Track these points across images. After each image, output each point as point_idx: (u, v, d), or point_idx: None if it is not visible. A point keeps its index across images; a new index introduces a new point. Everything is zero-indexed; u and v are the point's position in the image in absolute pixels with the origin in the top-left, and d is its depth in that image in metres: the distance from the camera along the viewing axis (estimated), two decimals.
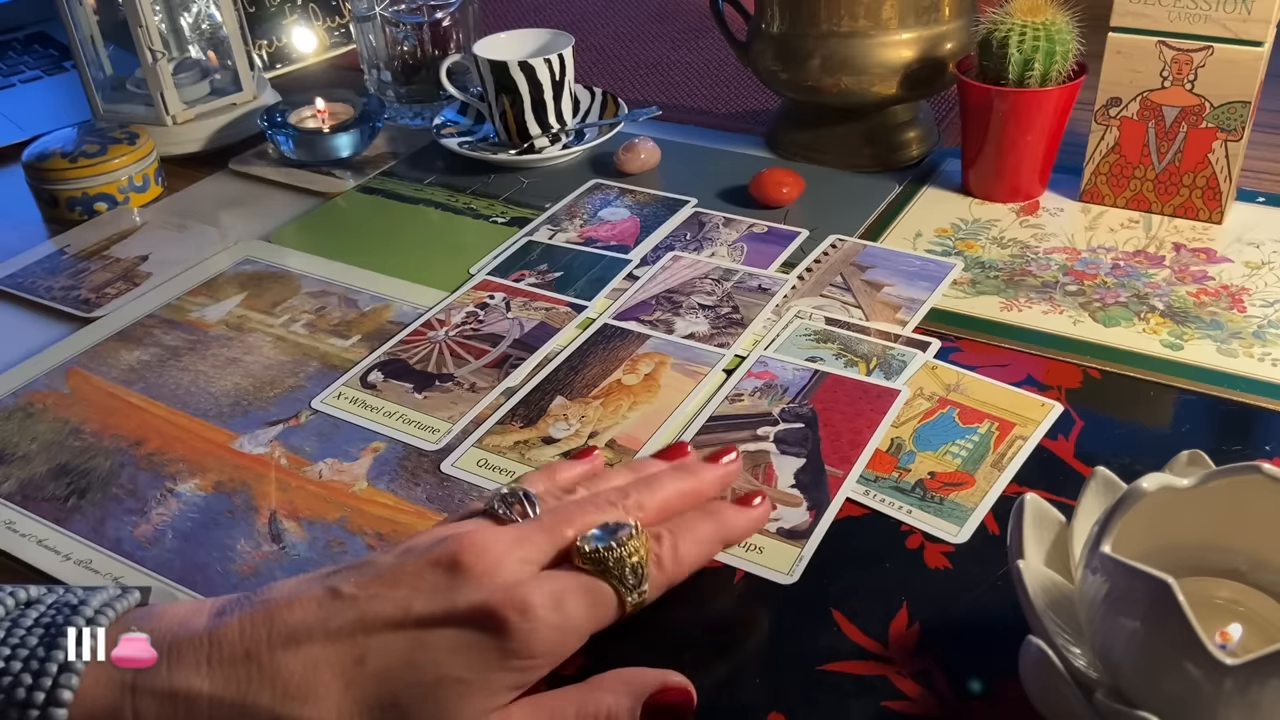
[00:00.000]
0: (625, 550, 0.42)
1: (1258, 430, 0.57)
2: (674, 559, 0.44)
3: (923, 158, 0.86)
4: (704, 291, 0.71)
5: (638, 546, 0.42)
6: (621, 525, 0.43)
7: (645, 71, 1.09)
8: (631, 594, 0.42)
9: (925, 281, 0.70)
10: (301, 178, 0.90)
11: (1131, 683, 0.38)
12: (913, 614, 0.47)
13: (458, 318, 0.70)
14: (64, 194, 0.84)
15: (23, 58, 1.19)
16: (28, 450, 0.60)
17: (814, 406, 0.59)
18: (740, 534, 0.48)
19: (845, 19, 0.78)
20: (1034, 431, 0.57)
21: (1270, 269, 0.69)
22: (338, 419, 0.61)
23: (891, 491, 0.54)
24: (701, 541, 0.45)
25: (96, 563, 0.53)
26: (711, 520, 0.46)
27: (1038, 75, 0.73)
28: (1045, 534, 0.43)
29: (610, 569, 0.42)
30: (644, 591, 0.42)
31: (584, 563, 0.42)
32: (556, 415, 0.60)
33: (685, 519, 0.46)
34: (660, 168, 0.87)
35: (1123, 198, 0.76)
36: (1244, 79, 0.69)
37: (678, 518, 0.46)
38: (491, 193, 0.86)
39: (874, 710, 0.43)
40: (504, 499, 0.45)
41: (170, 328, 0.71)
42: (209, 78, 0.97)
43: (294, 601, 0.40)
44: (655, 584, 0.43)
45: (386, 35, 0.98)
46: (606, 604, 0.42)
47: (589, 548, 0.42)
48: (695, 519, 0.46)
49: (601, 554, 0.42)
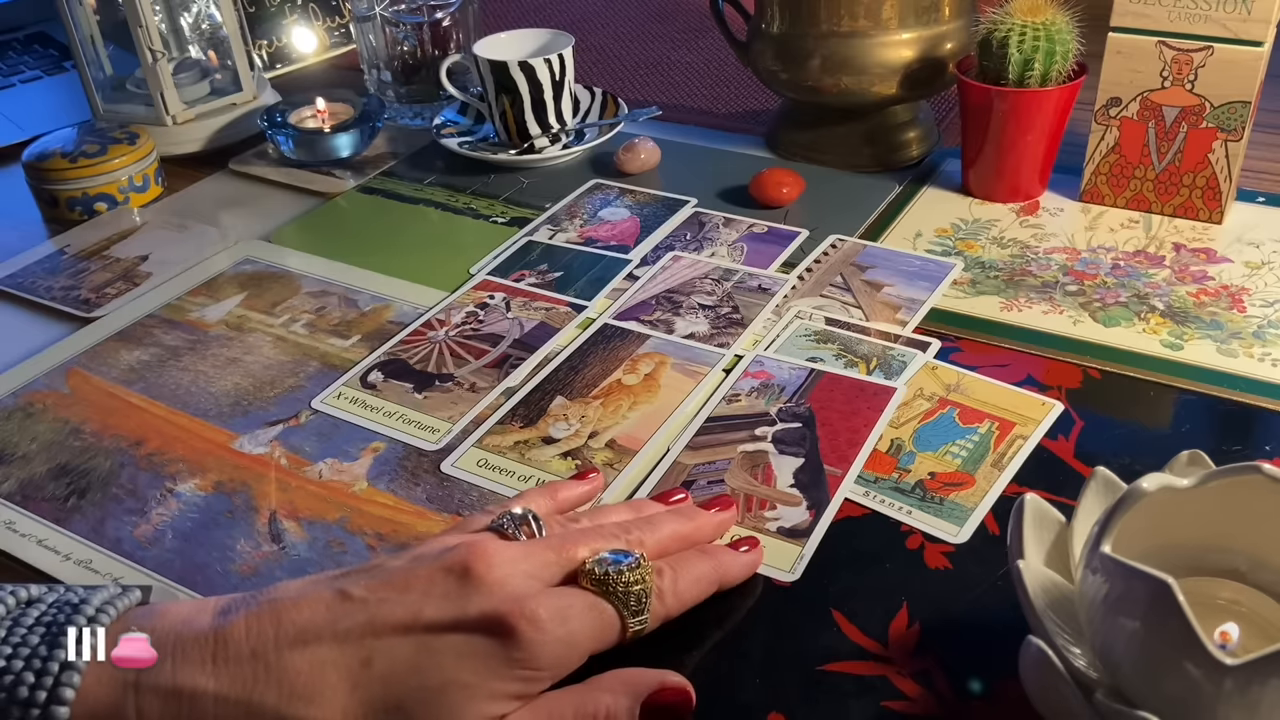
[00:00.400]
0: (632, 577, 0.43)
1: (1258, 430, 0.57)
2: (674, 593, 0.44)
3: (923, 158, 0.86)
4: (704, 291, 0.71)
5: (642, 575, 0.43)
6: (628, 553, 0.44)
7: (645, 71, 1.09)
8: (633, 620, 0.42)
9: (925, 281, 0.70)
10: (301, 178, 0.90)
11: (1131, 683, 0.38)
12: (913, 614, 0.47)
13: (458, 318, 0.70)
14: (64, 194, 0.84)
15: (23, 58, 1.19)
16: (28, 450, 0.60)
17: (811, 406, 0.59)
18: (736, 577, 0.48)
19: (845, 19, 0.78)
20: (1034, 431, 0.57)
21: (1270, 269, 0.69)
22: (338, 419, 0.61)
23: (891, 492, 0.54)
24: (699, 580, 0.46)
25: (96, 563, 0.53)
26: (710, 561, 0.47)
27: (1038, 75, 0.73)
28: (1045, 534, 0.43)
29: (615, 593, 0.42)
30: (645, 620, 0.43)
31: (591, 584, 0.42)
32: (556, 415, 0.60)
33: (685, 557, 0.47)
34: (660, 168, 0.87)
35: (1123, 198, 0.76)
36: (1244, 79, 0.69)
37: (680, 554, 0.47)
38: (491, 193, 0.86)
39: (874, 710, 0.43)
40: (512, 518, 0.45)
41: (170, 328, 0.71)
42: (209, 78, 0.97)
43: (301, 601, 0.40)
44: (655, 615, 0.43)
45: (386, 35, 0.98)
46: (610, 625, 0.42)
47: (598, 570, 0.42)
48: (695, 558, 0.47)
49: (610, 577, 0.42)
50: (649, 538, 0.46)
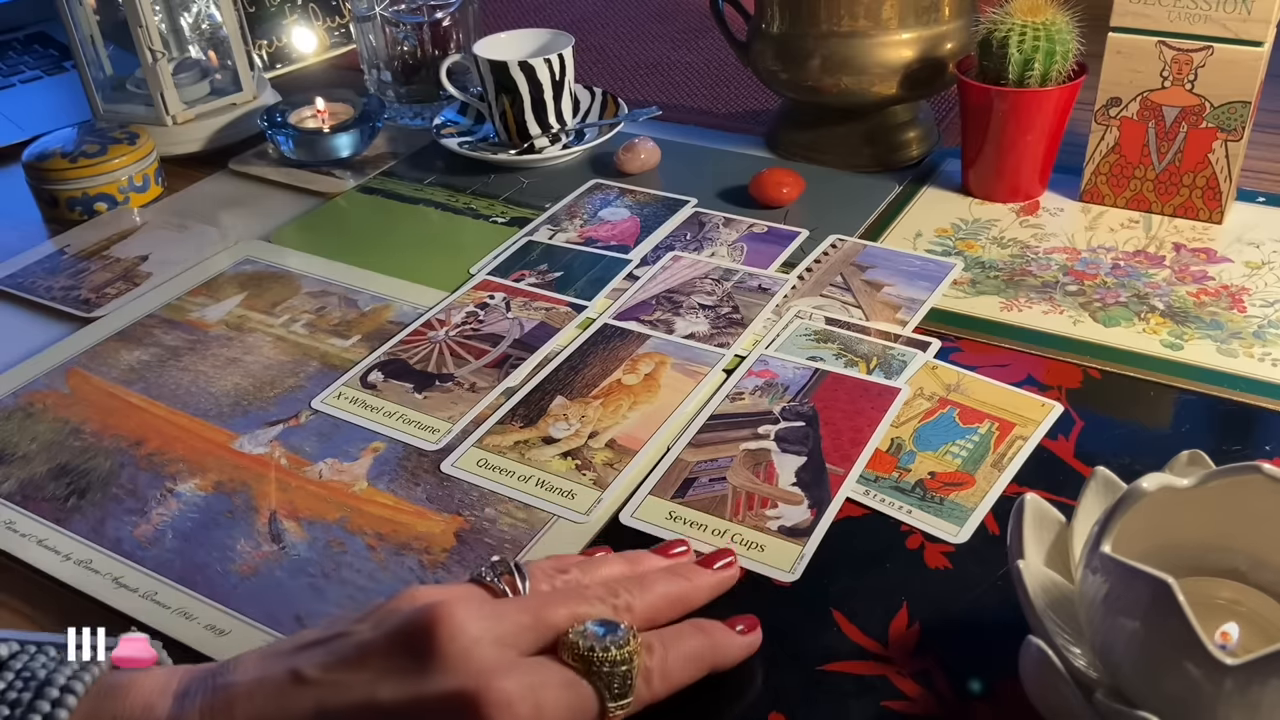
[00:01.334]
0: (619, 654, 0.39)
1: (1258, 430, 0.57)
2: (663, 675, 0.41)
3: (923, 158, 0.86)
4: (704, 291, 0.71)
5: (629, 655, 0.39)
6: (617, 626, 0.40)
7: (645, 71, 1.09)
8: (615, 704, 0.39)
9: (925, 281, 0.70)
10: (301, 178, 0.90)
11: (1131, 683, 0.38)
12: (913, 614, 0.47)
13: (458, 318, 0.70)
14: (64, 194, 0.84)
15: (23, 58, 1.19)
16: (28, 450, 0.60)
17: (814, 405, 0.59)
18: (731, 660, 0.44)
19: (845, 19, 0.78)
20: (1034, 431, 0.57)
21: (1270, 269, 0.69)
22: (338, 419, 0.61)
23: (892, 491, 0.54)
24: (691, 660, 0.42)
25: (96, 563, 0.53)
26: (705, 638, 0.43)
27: (1038, 75, 0.73)
28: (1045, 534, 0.43)
29: (599, 672, 0.39)
30: (628, 704, 0.39)
31: (572, 659, 0.39)
32: (556, 415, 0.60)
33: (678, 632, 0.43)
34: (660, 168, 0.87)
35: (1123, 198, 0.76)
36: (1244, 79, 0.69)
37: (672, 629, 0.43)
38: (491, 193, 0.86)
39: (874, 710, 0.43)
40: (493, 566, 0.42)
41: (170, 328, 0.71)
42: (209, 78, 0.97)
43: (255, 690, 0.38)
44: (639, 699, 0.40)
45: (386, 35, 0.98)
46: (587, 708, 0.39)
47: (582, 644, 0.39)
48: (688, 634, 0.43)
49: (595, 654, 0.39)
50: (638, 601, 0.42)
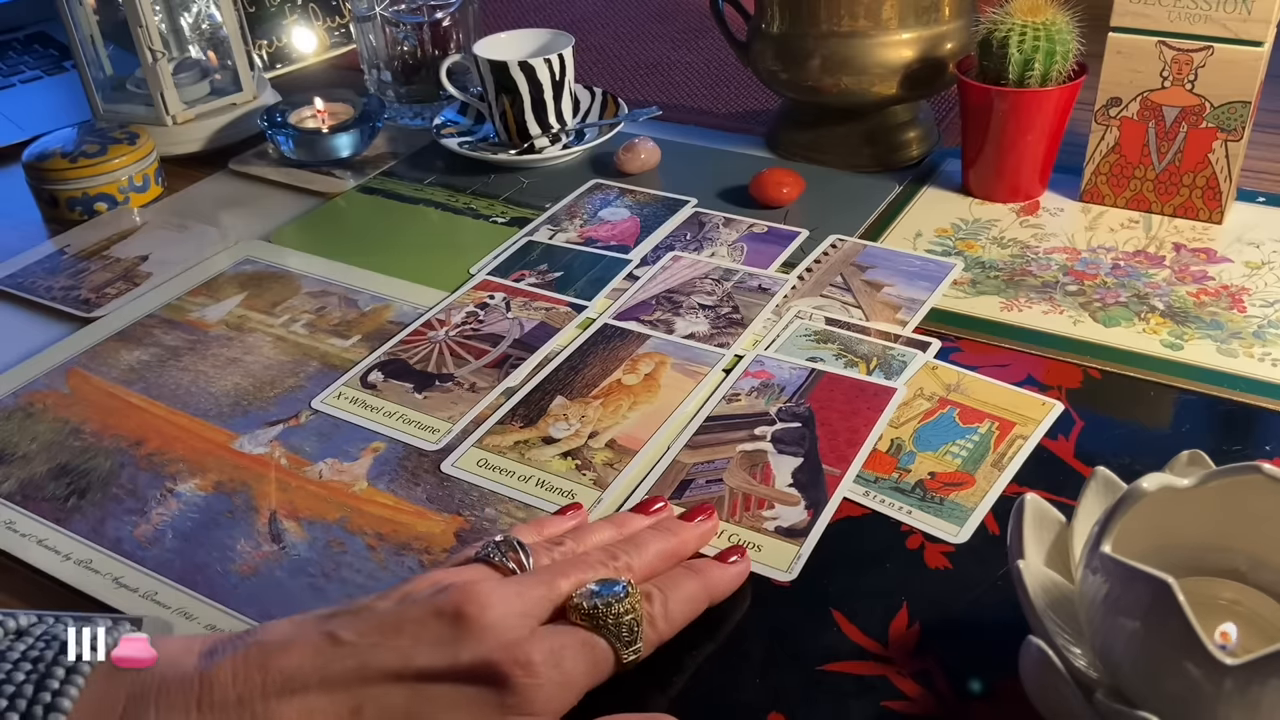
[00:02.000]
0: (621, 607, 0.42)
1: (1258, 430, 0.57)
2: (665, 617, 0.44)
3: (923, 158, 0.86)
4: (704, 291, 0.71)
5: (632, 604, 0.42)
6: (616, 583, 0.43)
7: (645, 71, 1.09)
8: (627, 650, 0.42)
9: (925, 281, 0.70)
10: (301, 178, 0.90)
11: (1131, 683, 0.38)
12: (913, 614, 0.47)
13: (458, 318, 0.70)
14: (64, 194, 0.84)
15: (23, 58, 1.19)
16: (28, 450, 0.60)
17: (811, 405, 0.59)
18: (724, 591, 0.47)
19: (845, 19, 0.78)
20: (1034, 431, 0.57)
21: (1270, 269, 0.69)
22: (338, 419, 0.61)
23: (891, 492, 0.54)
24: (689, 600, 0.45)
25: (96, 563, 0.53)
26: (698, 578, 0.46)
27: (1038, 75, 0.73)
28: (1045, 534, 0.43)
29: (607, 626, 0.42)
30: (638, 649, 0.42)
31: (580, 619, 0.42)
32: (556, 415, 0.60)
33: (673, 577, 0.46)
34: (660, 168, 0.87)
35: (1123, 198, 0.76)
36: (1244, 79, 0.69)
37: (667, 574, 0.46)
38: (491, 193, 0.86)
39: (874, 710, 0.43)
40: (499, 546, 0.44)
41: (170, 328, 0.71)
42: (209, 78, 0.97)
43: (290, 646, 0.39)
44: (648, 642, 0.43)
45: (386, 35, 0.98)
46: (604, 660, 0.42)
47: (586, 604, 0.42)
48: (683, 577, 0.46)
49: (599, 610, 0.42)
50: (636, 561, 0.46)
